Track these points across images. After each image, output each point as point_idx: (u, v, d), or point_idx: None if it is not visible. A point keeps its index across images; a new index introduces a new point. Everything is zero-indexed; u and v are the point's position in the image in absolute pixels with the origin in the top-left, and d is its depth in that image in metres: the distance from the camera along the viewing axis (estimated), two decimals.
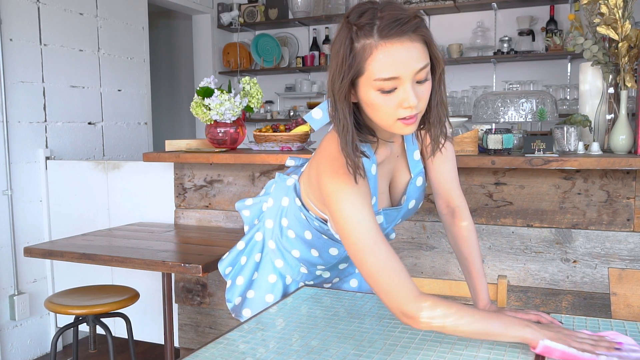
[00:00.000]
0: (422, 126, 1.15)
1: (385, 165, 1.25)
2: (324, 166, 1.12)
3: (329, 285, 1.54)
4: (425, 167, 1.33)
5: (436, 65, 1.05)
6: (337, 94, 1.04)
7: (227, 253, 1.53)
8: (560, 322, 1.14)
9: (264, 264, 1.48)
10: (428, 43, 1.02)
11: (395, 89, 1.00)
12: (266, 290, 1.47)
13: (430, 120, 1.11)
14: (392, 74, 0.99)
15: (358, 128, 1.10)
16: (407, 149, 1.28)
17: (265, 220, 1.47)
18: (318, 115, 1.28)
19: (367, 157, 1.12)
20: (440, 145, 1.17)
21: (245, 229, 1.55)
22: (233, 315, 1.53)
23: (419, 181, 1.30)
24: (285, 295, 1.49)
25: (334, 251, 1.36)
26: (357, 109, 1.09)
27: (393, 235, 1.64)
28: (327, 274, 1.50)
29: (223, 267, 1.52)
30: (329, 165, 1.10)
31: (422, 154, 1.32)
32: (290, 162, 1.53)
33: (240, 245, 1.51)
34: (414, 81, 1.00)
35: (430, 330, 1.09)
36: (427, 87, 1.03)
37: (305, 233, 1.35)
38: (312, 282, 1.50)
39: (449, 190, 1.30)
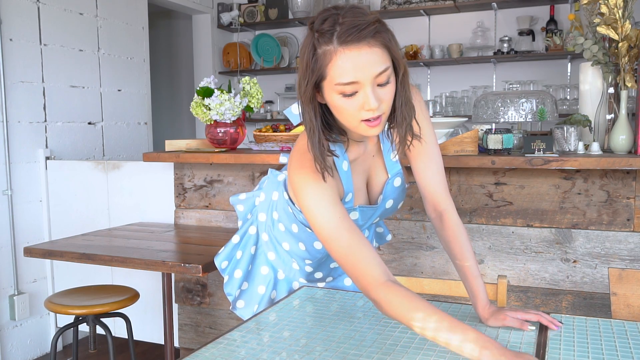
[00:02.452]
0: (392, 125, 1.18)
1: (360, 164, 1.28)
2: (293, 160, 1.17)
3: (323, 284, 1.55)
4: (413, 170, 1.34)
5: (398, 68, 1.08)
6: (303, 96, 1.09)
7: (223, 247, 1.57)
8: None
9: (257, 256, 1.53)
10: (388, 47, 1.05)
11: (357, 92, 1.04)
12: (258, 282, 1.52)
13: (397, 120, 1.14)
14: (352, 79, 1.02)
15: (328, 128, 1.15)
16: (383, 149, 1.31)
17: (258, 213, 1.52)
18: (297, 110, 1.31)
19: (336, 156, 1.16)
20: (408, 143, 1.19)
21: (239, 223, 1.59)
22: (230, 308, 1.55)
23: (397, 182, 1.33)
24: (278, 292, 1.52)
25: (318, 245, 1.38)
26: (327, 110, 1.13)
27: (389, 237, 1.66)
28: (319, 274, 1.51)
29: (219, 261, 1.56)
30: (297, 159, 1.15)
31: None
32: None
33: (235, 239, 1.56)
34: (375, 84, 1.04)
35: None
36: (389, 89, 1.06)
37: (293, 226, 1.38)
38: (305, 282, 1.52)
39: (434, 193, 1.30)
